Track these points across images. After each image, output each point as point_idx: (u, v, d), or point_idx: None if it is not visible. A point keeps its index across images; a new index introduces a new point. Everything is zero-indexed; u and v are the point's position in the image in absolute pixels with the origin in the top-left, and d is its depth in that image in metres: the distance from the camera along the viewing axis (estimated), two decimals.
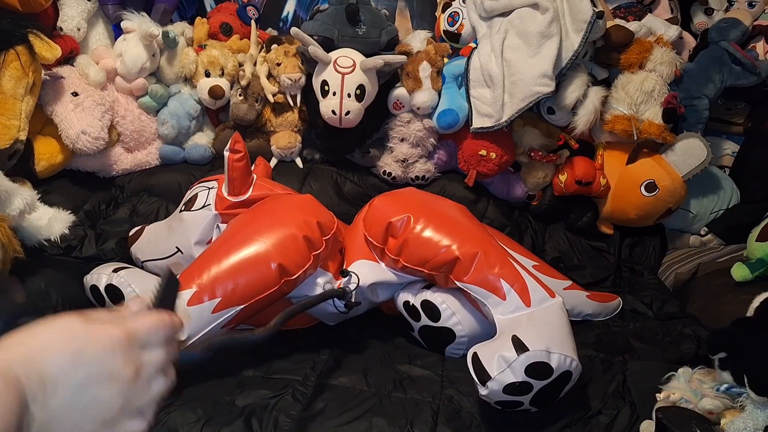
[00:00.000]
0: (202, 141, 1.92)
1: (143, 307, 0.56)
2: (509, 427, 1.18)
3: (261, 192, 1.49)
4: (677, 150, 1.78)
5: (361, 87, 1.66)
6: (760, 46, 1.94)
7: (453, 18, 1.89)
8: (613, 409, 1.23)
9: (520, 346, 1.09)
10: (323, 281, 1.35)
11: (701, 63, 1.86)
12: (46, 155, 1.65)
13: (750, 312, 1.17)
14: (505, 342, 1.12)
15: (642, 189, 1.79)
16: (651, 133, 1.74)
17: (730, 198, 1.96)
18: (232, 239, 1.30)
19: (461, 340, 1.35)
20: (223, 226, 1.46)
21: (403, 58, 1.72)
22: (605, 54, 1.79)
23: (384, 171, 1.87)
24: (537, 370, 1.08)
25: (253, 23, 1.94)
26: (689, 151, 1.77)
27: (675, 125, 1.84)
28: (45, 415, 0.43)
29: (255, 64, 1.86)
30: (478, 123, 1.75)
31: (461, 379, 1.27)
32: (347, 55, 1.67)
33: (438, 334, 1.37)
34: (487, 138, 1.76)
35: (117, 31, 1.84)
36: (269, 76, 1.86)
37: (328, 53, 1.66)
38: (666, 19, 1.93)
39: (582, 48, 1.64)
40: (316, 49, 1.63)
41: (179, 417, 1.11)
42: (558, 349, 1.09)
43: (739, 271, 1.61)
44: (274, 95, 1.83)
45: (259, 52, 1.89)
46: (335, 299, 1.33)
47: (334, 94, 1.66)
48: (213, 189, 1.51)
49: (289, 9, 2.26)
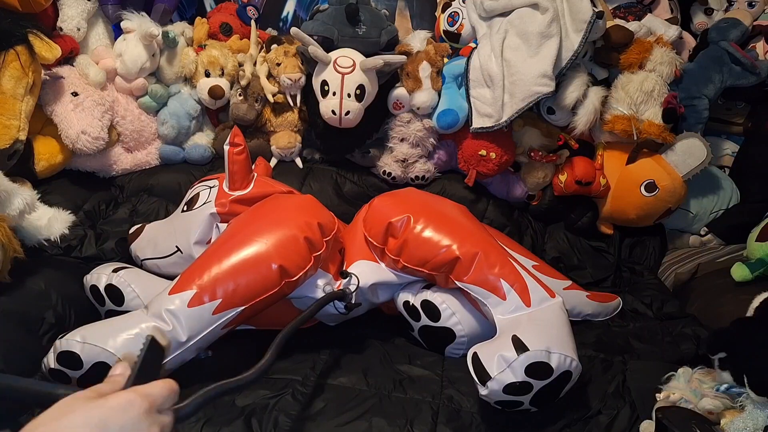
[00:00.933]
0: (202, 141, 1.92)
1: (126, 376, 0.58)
2: (509, 427, 1.18)
3: (262, 189, 1.49)
4: (677, 150, 1.78)
5: (361, 87, 1.66)
6: (760, 46, 1.94)
7: (453, 18, 1.89)
8: (613, 409, 1.23)
9: (520, 346, 1.09)
10: (323, 282, 1.35)
11: (701, 63, 1.86)
12: (45, 155, 1.65)
13: (750, 312, 1.17)
14: (506, 342, 1.12)
15: (642, 189, 1.79)
16: (651, 133, 1.74)
17: (729, 198, 1.96)
18: (232, 239, 1.30)
19: (461, 340, 1.35)
20: (223, 226, 1.46)
21: (403, 58, 1.72)
22: (605, 54, 1.78)
23: (384, 171, 1.87)
24: (537, 370, 1.08)
25: (253, 23, 1.94)
26: (689, 151, 1.77)
27: (675, 125, 1.84)
28: None
29: (255, 64, 1.86)
30: (477, 123, 1.75)
31: (461, 379, 1.28)
32: (347, 55, 1.67)
33: (438, 334, 1.37)
34: (487, 138, 1.76)
35: (117, 31, 1.84)
36: (269, 76, 1.86)
37: (327, 53, 1.66)
38: (666, 19, 1.93)
39: (582, 48, 1.65)
40: (315, 49, 1.63)
41: None
42: (558, 349, 1.09)
43: (739, 271, 1.61)
44: (274, 95, 1.83)
45: (259, 52, 1.89)
46: (335, 300, 1.33)
47: (334, 94, 1.66)
48: (214, 188, 1.51)
49: (289, 9, 2.26)
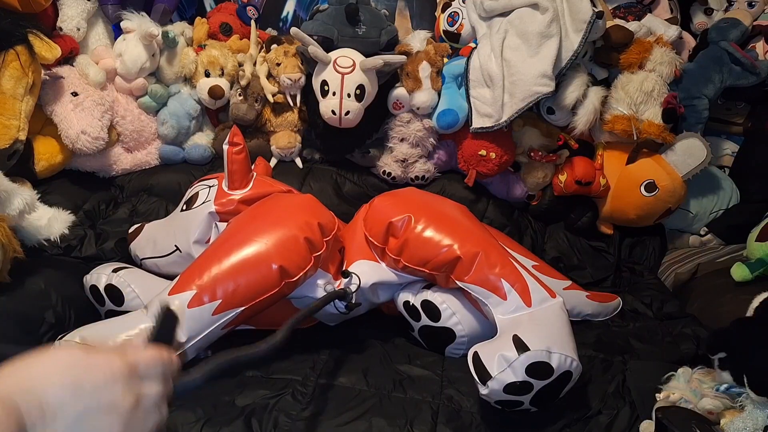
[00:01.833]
0: (201, 141, 1.92)
1: (143, 341, 0.57)
2: (509, 427, 1.18)
3: (261, 188, 1.49)
4: (677, 150, 1.78)
5: (361, 87, 1.66)
6: (759, 46, 1.94)
7: (453, 18, 1.89)
8: (613, 409, 1.23)
9: (520, 345, 1.09)
10: (323, 282, 1.35)
11: (701, 63, 1.86)
12: (45, 155, 1.65)
13: (750, 312, 1.17)
14: (506, 341, 1.12)
15: (642, 189, 1.79)
16: (651, 133, 1.74)
17: (729, 198, 1.96)
18: (232, 239, 1.29)
19: (461, 340, 1.35)
20: (221, 225, 1.45)
21: (403, 58, 1.72)
22: (605, 54, 1.78)
23: (384, 171, 1.87)
24: (537, 369, 1.08)
25: (253, 23, 1.94)
26: (689, 151, 1.77)
27: (675, 125, 1.84)
28: None
29: (255, 64, 1.86)
30: (477, 123, 1.75)
31: (461, 379, 1.27)
32: (347, 55, 1.67)
33: (438, 334, 1.37)
34: (487, 138, 1.76)
35: (117, 31, 1.84)
36: (269, 76, 1.86)
37: (327, 53, 1.66)
38: (666, 19, 1.93)
39: (582, 48, 1.65)
40: (315, 49, 1.63)
41: (179, 417, 1.11)
42: (559, 349, 1.09)
43: (739, 271, 1.61)
44: (273, 95, 1.83)
45: (259, 52, 1.89)
46: (336, 300, 1.33)
47: (333, 94, 1.66)
48: (213, 187, 1.51)
49: (289, 9, 2.26)
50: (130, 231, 1.60)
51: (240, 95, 1.85)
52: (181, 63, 1.84)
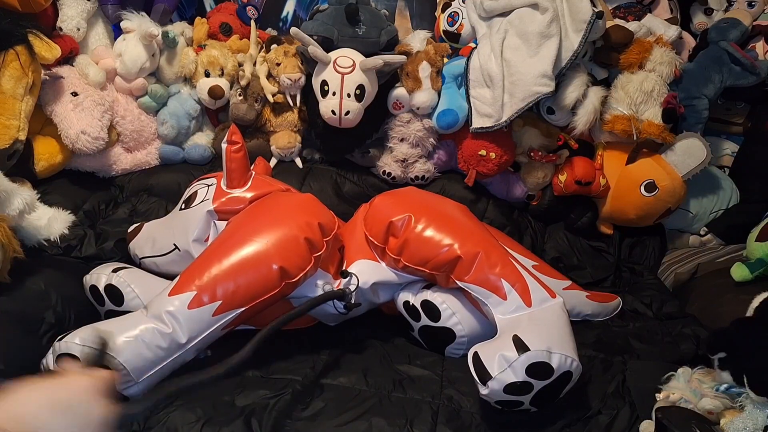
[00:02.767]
0: (201, 141, 1.92)
1: (79, 367, 0.63)
2: (509, 427, 1.18)
3: (260, 187, 1.49)
4: (677, 150, 1.78)
5: (361, 87, 1.66)
6: (759, 46, 1.94)
7: (453, 18, 1.89)
8: (613, 409, 1.23)
9: (521, 345, 1.09)
10: (322, 282, 1.35)
11: (701, 63, 1.86)
12: (45, 155, 1.64)
13: (749, 312, 1.17)
14: (506, 342, 1.12)
15: (642, 189, 1.79)
16: (651, 133, 1.74)
17: (729, 198, 1.96)
18: (232, 239, 1.29)
19: (461, 340, 1.35)
20: (220, 224, 1.45)
21: (403, 58, 1.72)
22: (605, 54, 1.79)
23: (384, 171, 1.87)
24: (538, 370, 1.08)
25: (253, 23, 1.94)
26: (689, 151, 1.77)
27: (675, 125, 1.84)
28: None
29: (255, 64, 1.86)
30: (477, 123, 1.75)
31: (461, 379, 1.27)
32: (347, 55, 1.67)
33: (438, 334, 1.37)
34: (487, 138, 1.76)
35: (117, 31, 1.84)
36: (269, 76, 1.86)
37: (327, 53, 1.66)
38: (665, 19, 1.93)
39: (582, 48, 1.65)
40: (315, 49, 1.63)
41: (179, 417, 1.11)
42: (559, 350, 1.09)
43: (739, 271, 1.61)
44: (273, 95, 1.83)
45: (259, 52, 1.89)
46: (335, 300, 1.32)
47: (333, 94, 1.66)
48: (212, 186, 1.51)
49: (289, 9, 2.26)
50: (129, 231, 1.60)
51: (240, 95, 1.85)
52: (181, 63, 1.84)
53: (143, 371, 1.12)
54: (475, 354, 1.14)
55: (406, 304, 1.40)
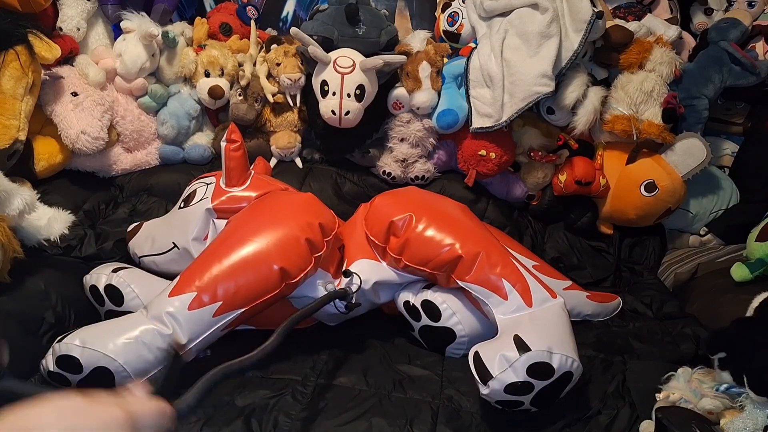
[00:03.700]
0: (201, 141, 1.92)
1: (145, 392, 0.59)
2: (509, 427, 1.18)
3: (259, 186, 1.49)
4: (677, 150, 1.78)
5: (361, 87, 1.66)
6: (759, 46, 1.94)
7: (453, 18, 1.89)
8: (613, 409, 1.23)
9: (521, 345, 1.09)
10: (323, 282, 1.35)
11: (701, 63, 1.86)
12: (45, 155, 1.64)
13: (749, 312, 1.17)
14: (507, 341, 1.12)
15: (642, 189, 1.79)
16: (650, 133, 1.74)
17: (729, 198, 1.96)
18: (232, 238, 1.29)
19: (461, 340, 1.35)
20: (219, 222, 1.45)
21: (403, 58, 1.72)
22: (605, 54, 1.78)
23: (384, 171, 1.87)
24: (538, 370, 1.08)
25: (253, 23, 1.94)
26: (689, 151, 1.77)
27: (675, 125, 1.84)
28: None
29: (255, 64, 1.86)
30: (477, 123, 1.75)
31: (461, 379, 1.28)
32: (347, 55, 1.67)
33: (438, 334, 1.37)
34: (487, 138, 1.76)
35: (117, 31, 1.84)
36: (269, 76, 1.86)
37: (327, 53, 1.66)
38: (665, 19, 1.93)
39: (582, 48, 1.65)
40: (315, 49, 1.63)
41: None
42: (559, 350, 1.09)
43: (739, 271, 1.61)
44: (273, 95, 1.83)
45: (259, 52, 1.89)
46: (336, 300, 1.32)
47: (333, 94, 1.66)
48: (211, 184, 1.51)
49: (289, 9, 2.26)
50: (128, 230, 1.60)
51: (240, 95, 1.85)
52: (181, 63, 1.84)
53: (144, 373, 1.12)
54: (476, 354, 1.14)
55: (406, 303, 1.40)
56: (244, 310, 1.21)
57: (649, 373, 1.29)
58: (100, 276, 1.35)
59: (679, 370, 1.20)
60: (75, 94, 1.66)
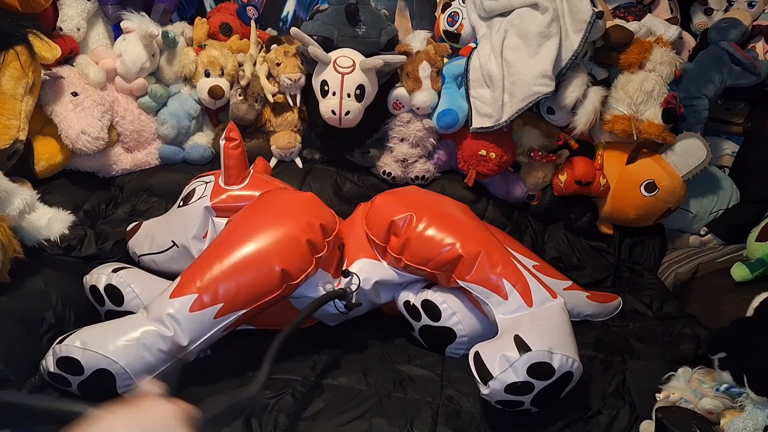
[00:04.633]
0: (201, 141, 1.92)
1: (160, 391, 0.64)
2: (509, 427, 1.18)
3: (258, 185, 1.49)
4: (677, 150, 1.78)
5: (361, 87, 1.66)
6: (759, 46, 1.94)
7: (453, 18, 1.89)
8: (613, 409, 1.23)
9: (522, 345, 1.09)
10: (323, 282, 1.35)
11: (701, 63, 1.86)
12: (45, 155, 1.64)
13: (750, 312, 1.17)
14: (508, 341, 1.12)
15: (642, 189, 1.79)
16: (651, 133, 1.74)
17: (729, 198, 1.96)
18: (232, 238, 1.28)
19: (462, 340, 1.35)
20: (218, 221, 1.45)
21: (403, 58, 1.72)
22: (605, 54, 1.78)
23: (384, 171, 1.87)
24: (539, 370, 1.08)
25: (253, 23, 1.94)
26: (689, 151, 1.77)
27: (675, 125, 1.84)
28: None
29: (255, 64, 1.86)
30: (477, 123, 1.75)
31: (461, 379, 1.28)
32: (347, 55, 1.67)
33: (438, 333, 1.37)
34: (487, 138, 1.76)
35: (117, 31, 1.84)
36: (269, 76, 1.86)
37: (327, 53, 1.66)
38: (666, 19, 1.93)
39: (582, 48, 1.65)
40: (315, 49, 1.63)
41: None
42: (560, 350, 1.09)
43: (739, 271, 1.61)
44: (273, 95, 1.83)
45: (259, 52, 1.89)
46: (336, 300, 1.32)
47: (333, 94, 1.66)
48: (210, 183, 1.51)
49: (289, 9, 2.26)
50: (128, 229, 1.60)
51: (240, 95, 1.85)
52: (181, 63, 1.84)
53: (144, 374, 1.12)
54: (477, 353, 1.14)
55: (406, 303, 1.40)
56: (245, 311, 1.21)
57: (649, 373, 1.29)
58: (100, 276, 1.35)
59: (679, 370, 1.20)
60: (75, 94, 1.66)
